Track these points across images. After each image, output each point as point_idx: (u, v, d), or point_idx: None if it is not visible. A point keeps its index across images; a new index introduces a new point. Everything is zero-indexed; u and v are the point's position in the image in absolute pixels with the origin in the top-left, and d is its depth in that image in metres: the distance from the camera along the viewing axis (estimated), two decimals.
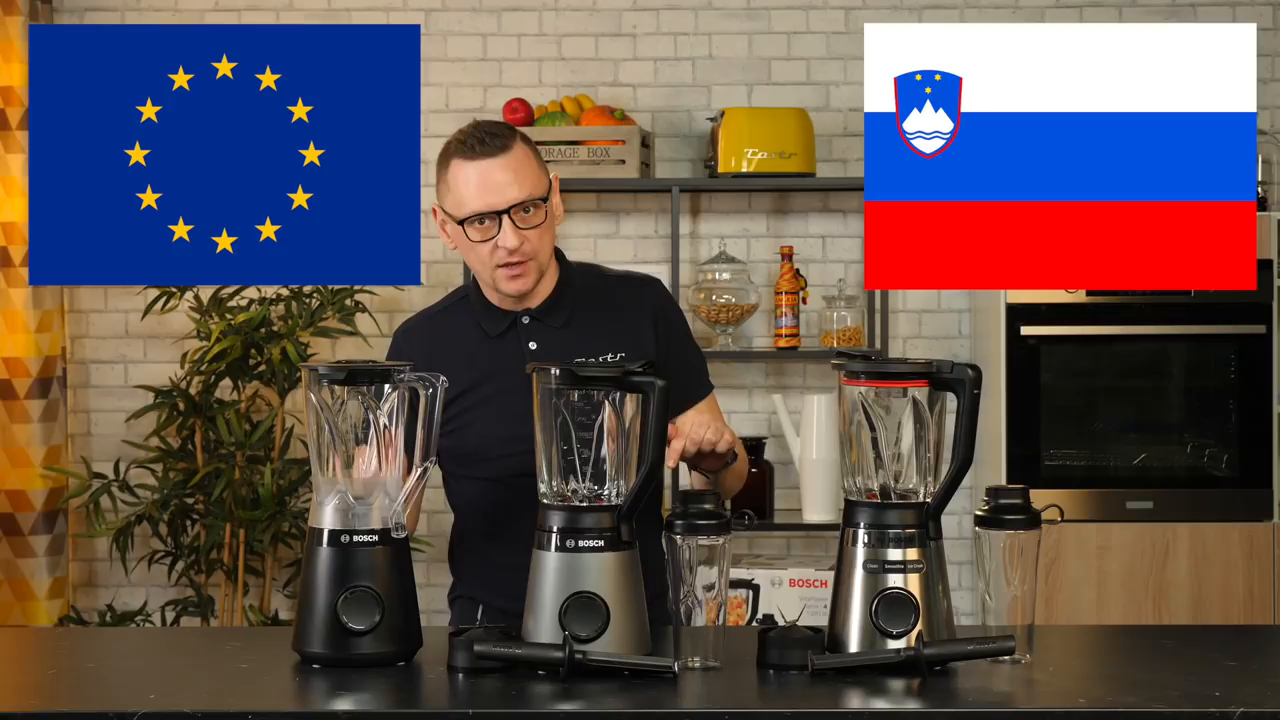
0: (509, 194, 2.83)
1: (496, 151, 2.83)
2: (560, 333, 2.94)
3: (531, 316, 2.95)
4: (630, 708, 2.25)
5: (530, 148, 2.89)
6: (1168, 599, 4.80)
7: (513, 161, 2.84)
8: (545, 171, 2.91)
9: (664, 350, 2.94)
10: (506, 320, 2.95)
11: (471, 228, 2.85)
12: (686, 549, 2.44)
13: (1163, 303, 4.87)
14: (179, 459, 4.99)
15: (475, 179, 2.83)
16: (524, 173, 2.85)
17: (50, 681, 2.49)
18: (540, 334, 2.94)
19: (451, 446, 2.90)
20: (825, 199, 5.30)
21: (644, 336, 2.95)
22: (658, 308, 2.99)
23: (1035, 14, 5.29)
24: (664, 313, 2.99)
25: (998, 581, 2.51)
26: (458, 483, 3.00)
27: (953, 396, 2.52)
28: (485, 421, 2.91)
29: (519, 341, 2.93)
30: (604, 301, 2.98)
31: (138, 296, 5.20)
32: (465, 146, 2.84)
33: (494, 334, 2.95)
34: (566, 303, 2.96)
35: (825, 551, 5.23)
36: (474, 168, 2.83)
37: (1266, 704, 2.23)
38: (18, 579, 5.06)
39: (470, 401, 2.92)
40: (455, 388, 2.80)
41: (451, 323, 3.00)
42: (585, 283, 2.99)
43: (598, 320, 2.95)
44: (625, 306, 2.98)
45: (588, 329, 2.94)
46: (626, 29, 5.29)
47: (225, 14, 5.29)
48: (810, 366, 5.28)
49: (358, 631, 2.46)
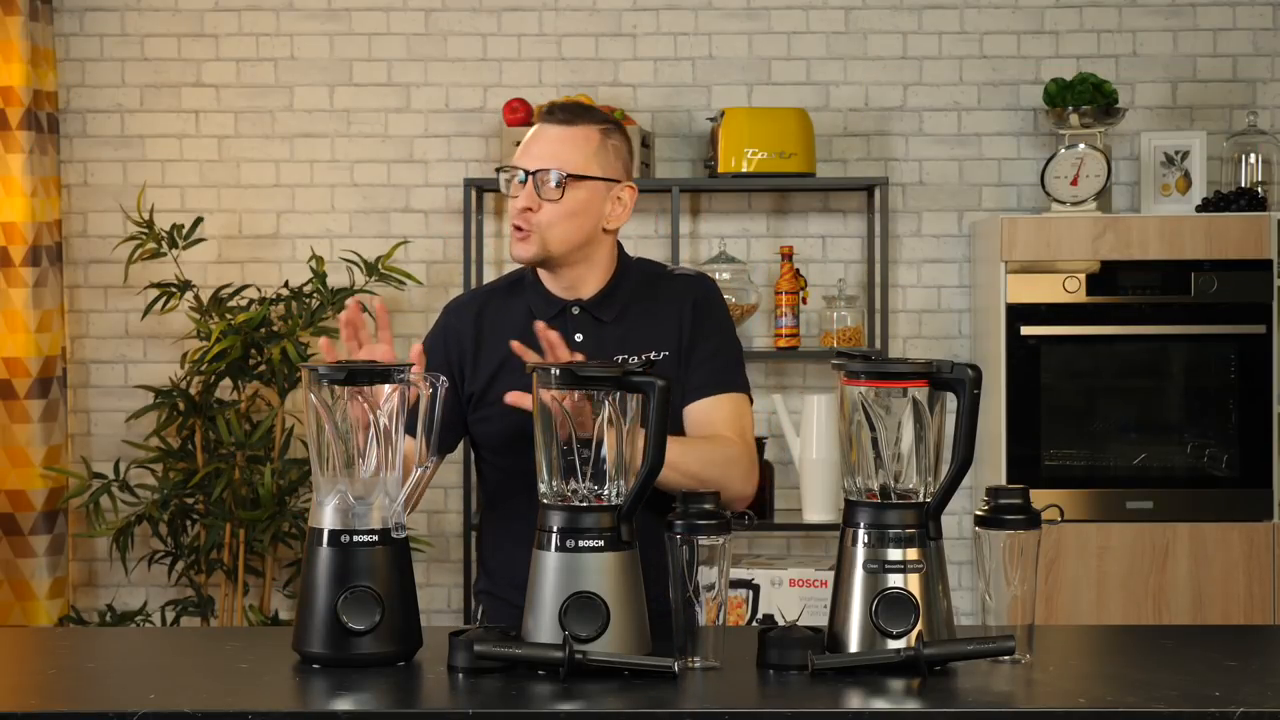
0: (538, 159, 2.89)
1: (558, 121, 2.92)
2: (608, 327, 2.94)
3: (582, 308, 2.96)
4: (630, 708, 2.25)
5: (605, 138, 2.92)
6: (1168, 599, 4.80)
7: (564, 135, 2.90)
8: (605, 165, 2.91)
9: (690, 336, 2.93)
10: (556, 307, 2.96)
11: (503, 180, 2.94)
12: (686, 549, 2.44)
13: (1163, 303, 4.87)
14: (179, 459, 4.99)
15: (529, 139, 2.94)
16: (566, 149, 2.89)
17: (50, 681, 2.49)
18: (588, 326, 2.94)
19: (486, 432, 2.92)
20: (825, 199, 5.31)
21: (683, 333, 2.93)
22: (697, 299, 2.96)
23: (1035, 14, 5.29)
24: (700, 303, 2.96)
25: (998, 581, 2.51)
26: (489, 469, 3.00)
27: (953, 396, 2.52)
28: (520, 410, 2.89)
29: (566, 331, 2.91)
30: (654, 300, 2.97)
31: (138, 296, 5.20)
32: (544, 110, 2.95)
33: (543, 320, 2.92)
34: (619, 298, 2.96)
35: (825, 551, 5.23)
36: (535, 130, 2.95)
37: (1266, 704, 2.23)
38: (18, 579, 5.06)
39: (507, 386, 2.85)
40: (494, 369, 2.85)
41: (504, 303, 3.00)
42: (641, 279, 2.99)
43: (645, 318, 2.95)
44: (671, 304, 2.96)
45: (635, 327, 2.94)
46: (626, 29, 5.29)
47: (225, 14, 5.29)
48: (810, 366, 5.28)
49: (358, 631, 2.46)
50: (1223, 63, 5.28)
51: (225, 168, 5.31)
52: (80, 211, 5.32)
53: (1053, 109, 5.01)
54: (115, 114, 5.31)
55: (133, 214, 5.17)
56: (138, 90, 5.31)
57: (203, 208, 5.28)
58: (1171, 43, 5.28)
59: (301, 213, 5.31)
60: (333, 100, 5.31)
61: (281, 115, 5.31)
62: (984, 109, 5.30)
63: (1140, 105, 5.27)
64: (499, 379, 2.92)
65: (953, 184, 5.30)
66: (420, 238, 5.29)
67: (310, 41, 5.30)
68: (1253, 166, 5.11)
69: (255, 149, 5.31)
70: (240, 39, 5.31)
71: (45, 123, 5.12)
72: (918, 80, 5.29)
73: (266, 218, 5.31)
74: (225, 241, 5.30)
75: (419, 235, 5.29)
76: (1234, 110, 5.26)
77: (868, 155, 5.30)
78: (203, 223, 5.14)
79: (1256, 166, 5.11)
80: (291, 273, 5.26)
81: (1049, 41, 5.29)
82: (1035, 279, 4.86)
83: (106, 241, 5.30)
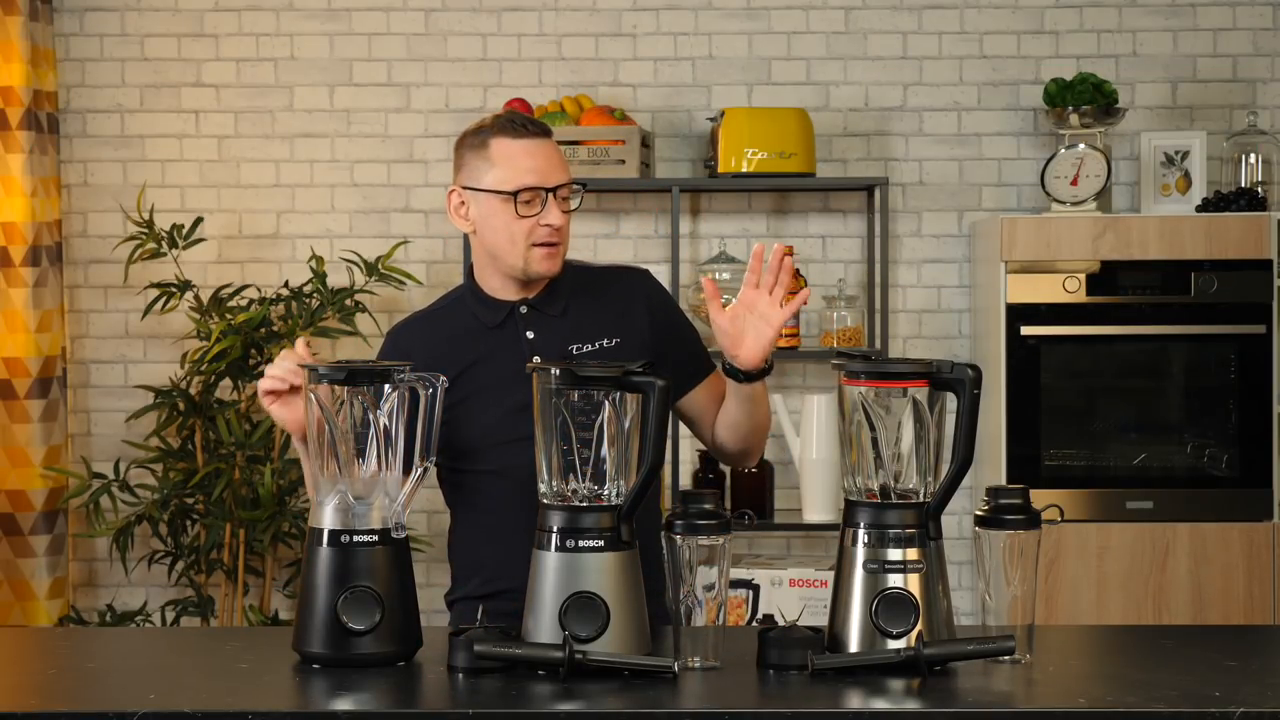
0: (557, 175, 2.95)
1: (539, 135, 2.96)
2: (557, 321, 2.99)
3: (529, 306, 3.00)
4: (630, 708, 2.25)
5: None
6: (1168, 599, 4.80)
7: (553, 148, 2.98)
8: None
9: (662, 336, 3.01)
10: (504, 310, 3.00)
11: (522, 203, 2.93)
12: (686, 549, 2.44)
13: (1163, 303, 4.87)
14: (179, 459, 4.99)
15: (528, 156, 2.93)
16: (562, 160, 2.99)
17: (50, 681, 2.49)
18: (537, 323, 2.99)
19: (450, 440, 2.91)
20: (825, 199, 5.30)
21: (639, 323, 3.01)
22: (649, 294, 3.06)
23: (1035, 14, 5.29)
24: (655, 299, 3.06)
25: (998, 581, 2.51)
26: (457, 477, 3.00)
27: (953, 396, 2.52)
28: (484, 412, 2.92)
29: (517, 330, 2.98)
30: (597, 292, 3.04)
31: (138, 296, 5.20)
32: (512, 126, 2.94)
33: (492, 325, 2.99)
34: (562, 293, 3.02)
35: (825, 551, 5.23)
36: (523, 146, 2.93)
37: (1266, 704, 2.23)
38: (18, 579, 5.06)
39: (468, 391, 2.94)
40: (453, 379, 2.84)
41: (449, 319, 3.05)
42: (576, 275, 3.07)
43: (592, 309, 3.01)
44: (618, 295, 3.04)
45: (583, 318, 2.99)
46: (626, 29, 5.29)
47: (225, 14, 5.29)
48: (810, 366, 5.28)
49: (358, 631, 2.46)
50: (1223, 63, 5.28)
51: (225, 168, 5.31)
52: (80, 211, 5.32)
53: (1053, 109, 5.01)
54: (115, 114, 5.31)
55: (133, 214, 5.17)
56: (138, 90, 5.31)
57: (203, 208, 5.28)
58: (1171, 43, 5.28)
59: (301, 213, 5.30)
60: (333, 100, 5.31)
61: (281, 115, 5.30)
62: (984, 109, 5.29)
63: (1140, 105, 5.27)
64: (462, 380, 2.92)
65: (953, 184, 5.30)
66: (420, 238, 5.29)
67: (310, 41, 5.30)
68: (1253, 166, 5.11)
69: (255, 149, 5.31)
70: (240, 39, 5.30)
71: (45, 123, 5.12)
72: (918, 80, 5.29)
73: (266, 218, 5.31)
74: (225, 241, 5.30)
75: (419, 235, 5.29)
76: (1234, 110, 5.26)
77: (868, 155, 5.30)
78: (203, 223, 5.14)
79: (1256, 166, 5.11)
80: (291, 273, 5.26)
81: (1049, 41, 5.29)
82: (1035, 279, 4.86)
83: (106, 241, 5.30)
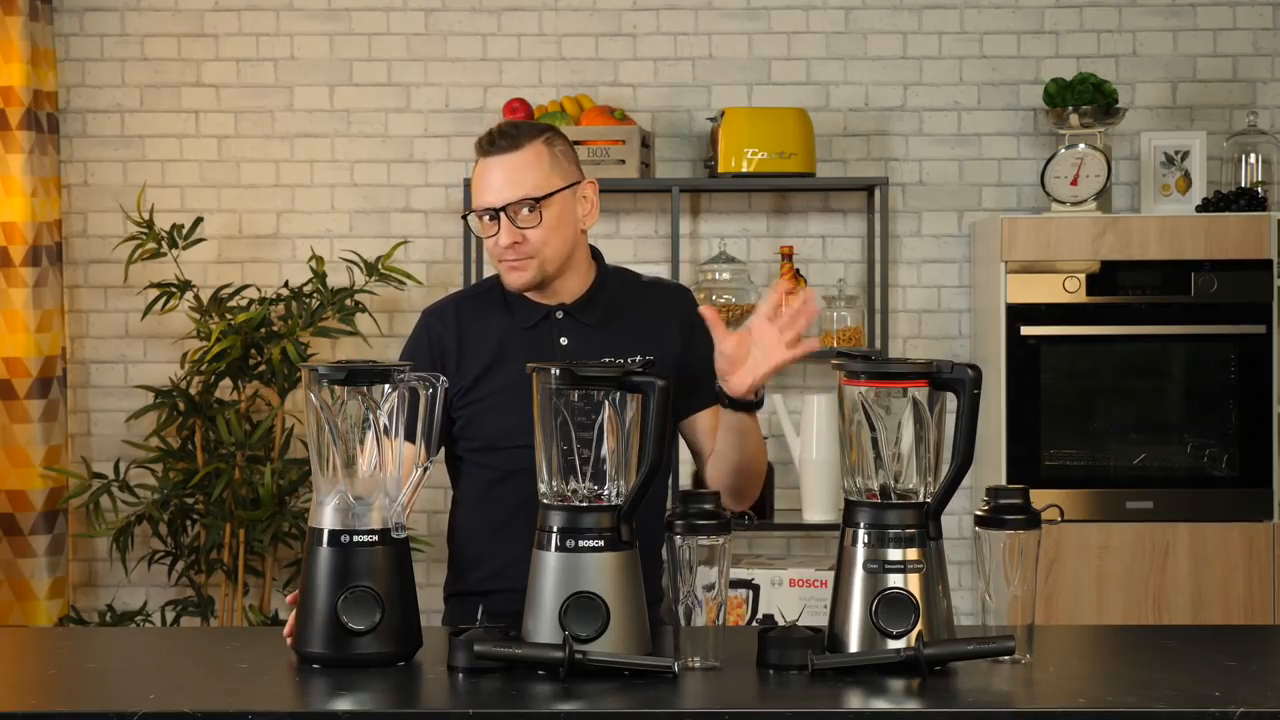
0: (504, 193, 2.92)
1: (503, 150, 2.93)
2: (592, 330, 2.98)
3: (565, 312, 2.99)
4: (630, 708, 2.25)
5: (550, 148, 2.96)
6: (1168, 599, 4.80)
7: (516, 161, 2.92)
8: (563, 173, 2.96)
9: (686, 353, 2.98)
10: (539, 313, 3.00)
11: (479, 221, 2.96)
12: (686, 549, 2.44)
13: (1163, 303, 4.87)
14: (179, 459, 4.99)
15: (482, 176, 2.95)
16: (525, 173, 2.91)
17: (50, 681, 2.49)
18: (572, 330, 2.98)
19: (470, 431, 2.94)
20: (825, 199, 5.30)
21: (671, 341, 2.99)
22: (684, 312, 3.02)
23: (1035, 14, 5.29)
24: (690, 319, 3.00)
25: (998, 581, 2.51)
26: (470, 468, 3.01)
27: (953, 396, 2.52)
28: (508, 410, 2.92)
29: (550, 335, 2.98)
30: (636, 305, 3.03)
31: (138, 296, 5.20)
32: (482, 145, 2.96)
33: (526, 325, 2.99)
34: (601, 302, 3.01)
35: (825, 551, 5.23)
36: (482, 165, 2.95)
37: (1266, 704, 2.23)
38: (18, 579, 5.06)
39: (495, 387, 2.95)
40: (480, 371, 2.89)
41: (483, 308, 3.04)
42: (620, 285, 3.05)
43: (630, 322, 3.00)
44: (656, 311, 3.03)
45: (619, 330, 2.98)
46: (626, 29, 5.29)
47: (224, 14, 5.29)
48: (810, 366, 5.28)
49: (358, 631, 2.46)
50: (1223, 63, 5.28)
51: (225, 168, 5.31)
52: (80, 211, 5.32)
53: (1053, 109, 5.01)
54: (115, 114, 5.31)
55: (133, 214, 5.16)
56: (138, 90, 5.31)
57: (203, 208, 5.28)
58: (1171, 43, 5.28)
59: (301, 213, 5.30)
60: (333, 100, 5.31)
61: (281, 115, 5.30)
62: (984, 109, 5.29)
63: (1140, 105, 5.27)
64: (489, 375, 2.95)
65: (953, 184, 5.30)
66: (420, 238, 5.29)
67: (310, 41, 5.30)
68: (1253, 166, 5.11)
69: (255, 149, 5.31)
70: (240, 39, 5.30)
71: (45, 123, 5.12)
72: (918, 80, 5.29)
73: (266, 218, 5.31)
74: (225, 241, 5.30)
75: (419, 235, 5.29)
76: (1234, 110, 5.26)
77: (868, 155, 5.30)
78: (203, 223, 5.14)
79: (1256, 166, 5.11)
80: (291, 273, 5.26)
81: (1049, 41, 5.29)
82: (1035, 279, 4.86)
83: (106, 241, 5.30)
